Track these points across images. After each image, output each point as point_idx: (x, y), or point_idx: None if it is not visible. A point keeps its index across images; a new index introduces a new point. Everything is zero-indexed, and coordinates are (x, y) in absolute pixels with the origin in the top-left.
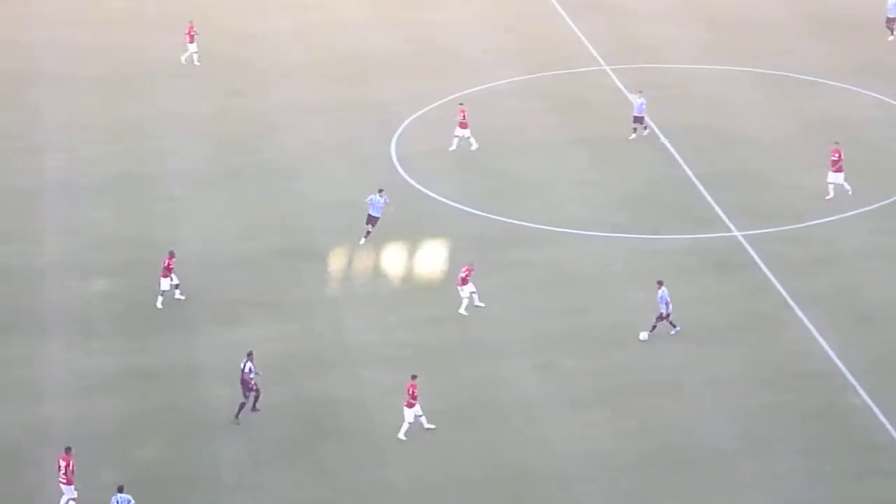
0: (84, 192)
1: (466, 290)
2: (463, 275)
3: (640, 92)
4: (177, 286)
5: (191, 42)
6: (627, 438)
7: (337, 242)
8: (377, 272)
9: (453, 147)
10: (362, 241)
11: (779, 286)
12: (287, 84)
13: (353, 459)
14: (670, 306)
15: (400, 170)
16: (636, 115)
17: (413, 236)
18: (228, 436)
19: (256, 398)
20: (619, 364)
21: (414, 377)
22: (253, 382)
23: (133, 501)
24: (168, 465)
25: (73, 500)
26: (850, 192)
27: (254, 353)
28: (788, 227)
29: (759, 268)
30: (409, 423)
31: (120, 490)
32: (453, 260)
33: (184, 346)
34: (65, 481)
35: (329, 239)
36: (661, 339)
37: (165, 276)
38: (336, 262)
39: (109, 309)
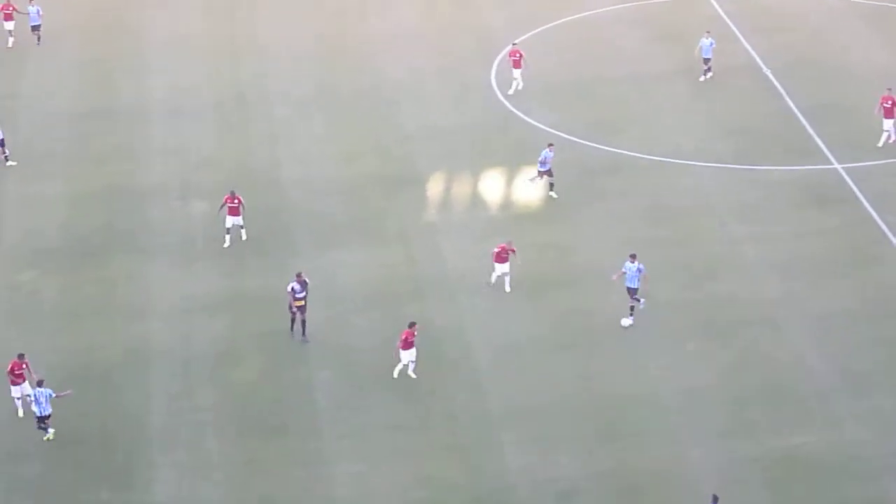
0: (187, 113)
1: (500, 268)
2: (496, 250)
3: (708, 32)
4: (241, 227)
5: None
6: (723, 371)
7: (436, 168)
8: (476, 199)
9: (511, 91)
10: (531, 180)
11: (878, 220)
12: (388, 8)
13: (448, 384)
14: (638, 281)
15: (500, 96)
16: (705, 56)
17: (513, 164)
18: (325, 359)
19: (302, 323)
20: (717, 296)
21: (412, 324)
22: (296, 304)
23: (53, 394)
24: (265, 387)
25: (27, 395)
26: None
27: (302, 274)
28: (890, 161)
29: (860, 201)
30: (404, 365)
31: (39, 384)
32: (554, 188)
33: (283, 269)
34: (18, 381)
35: (428, 165)
36: (759, 271)
37: (234, 215)
38: (435, 188)
39: (211, 230)
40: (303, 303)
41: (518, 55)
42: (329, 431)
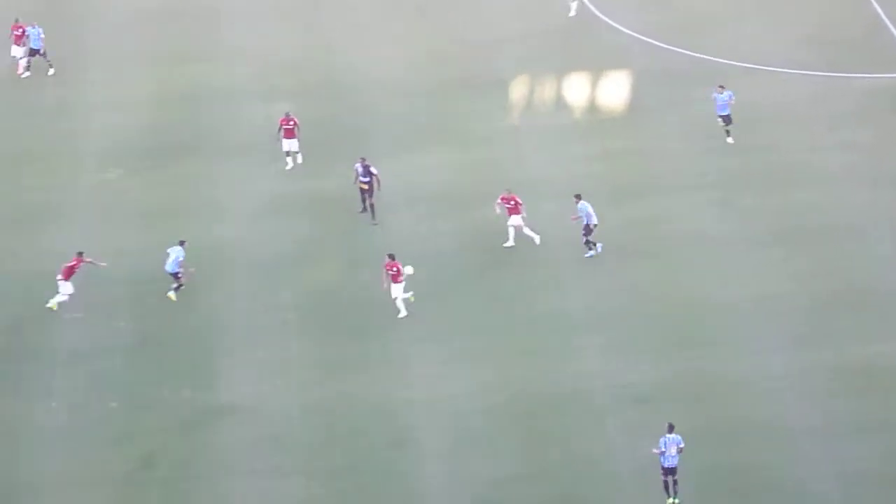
0: (266, 15)
1: (515, 220)
2: (509, 206)
3: None
4: (297, 152)
5: None
6: (804, 278)
7: (520, 72)
8: (560, 103)
9: (572, 13)
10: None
11: None
12: None
13: (530, 287)
14: (593, 218)
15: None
16: None
17: (597, 68)
18: (405, 261)
19: (371, 207)
20: (798, 204)
21: (391, 256)
22: (360, 186)
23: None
24: (345, 288)
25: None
26: None
27: (367, 159)
28: None
29: None
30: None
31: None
32: (636, 93)
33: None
34: (63, 276)
35: (512, 68)
36: (844, 179)
37: (290, 137)
38: (519, 91)
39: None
40: (366, 186)
41: None
42: (408, 333)
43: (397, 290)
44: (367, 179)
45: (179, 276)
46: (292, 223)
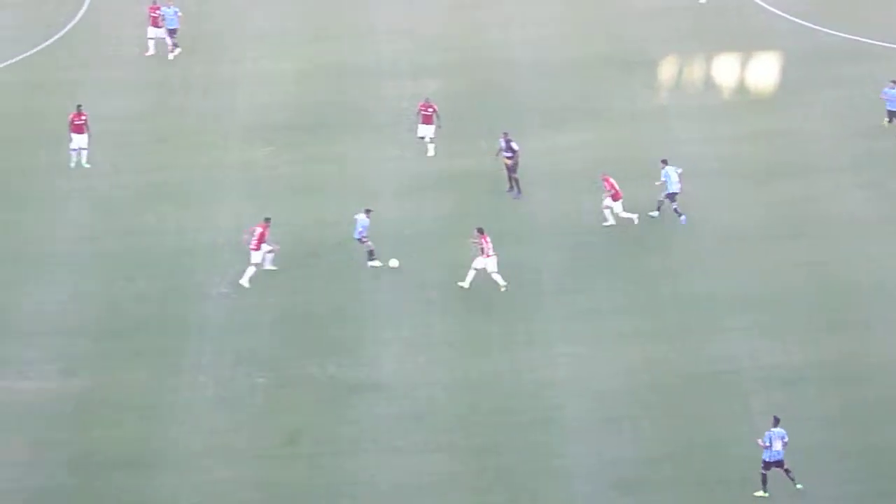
0: None
1: (609, 203)
2: (611, 191)
3: None
4: (432, 139)
5: None
6: None
7: (668, 51)
8: (707, 83)
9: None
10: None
11: None
12: None
13: (674, 268)
14: (673, 185)
15: None
16: None
17: (746, 48)
18: (552, 241)
19: (515, 181)
20: None
21: (480, 231)
22: (504, 161)
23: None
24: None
25: (256, 264)
26: None
27: (508, 133)
28: None
29: None
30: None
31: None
32: (785, 74)
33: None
34: (254, 247)
35: (660, 48)
36: None
37: (427, 124)
38: (666, 71)
39: (441, 110)
40: (510, 161)
41: None
42: (553, 313)
43: (489, 265)
44: (509, 154)
45: (364, 241)
46: (438, 201)
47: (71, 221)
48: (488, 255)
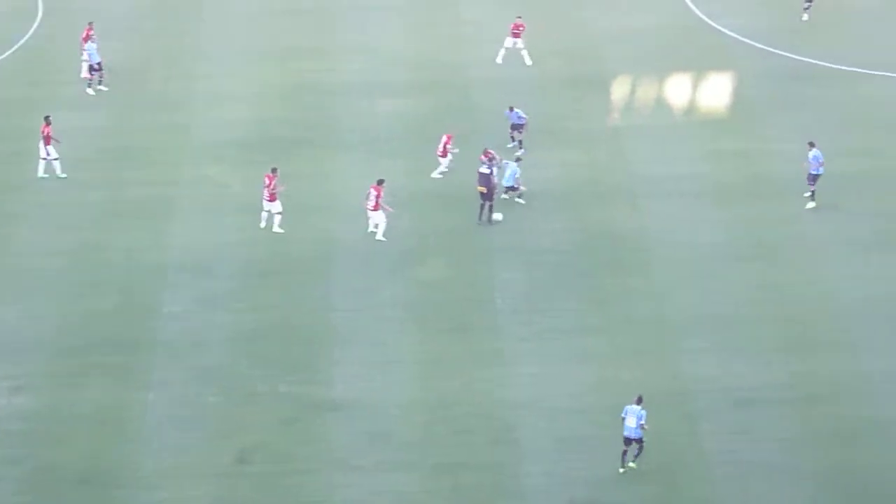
0: (375, 12)
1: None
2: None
3: None
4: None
5: None
6: None
7: (621, 72)
8: (660, 104)
9: (499, 60)
10: None
11: None
12: None
13: (629, 290)
14: (817, 168)
15: (687, 1)
16: None
17: (699, 69)
18: (508, 260)
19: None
20: None
21: (380, 182)
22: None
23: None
24: (447, 285)
25: (279, 213)
26: None
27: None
28: None
29: None
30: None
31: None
32: (738, 95)
33: (469, 167)
34: (268, 198)
35: (613, 68)
36: None
37: (443, 156)
38: (620, 91)
39: (396, 129)
40: (485, 190)
41: (518, 28)
42: (510, 333)
43: (376, 217)
44: (488, 172)
45: (516, 188)
46: (396, 219)
47: (22, 238)
48: (375, 209)
